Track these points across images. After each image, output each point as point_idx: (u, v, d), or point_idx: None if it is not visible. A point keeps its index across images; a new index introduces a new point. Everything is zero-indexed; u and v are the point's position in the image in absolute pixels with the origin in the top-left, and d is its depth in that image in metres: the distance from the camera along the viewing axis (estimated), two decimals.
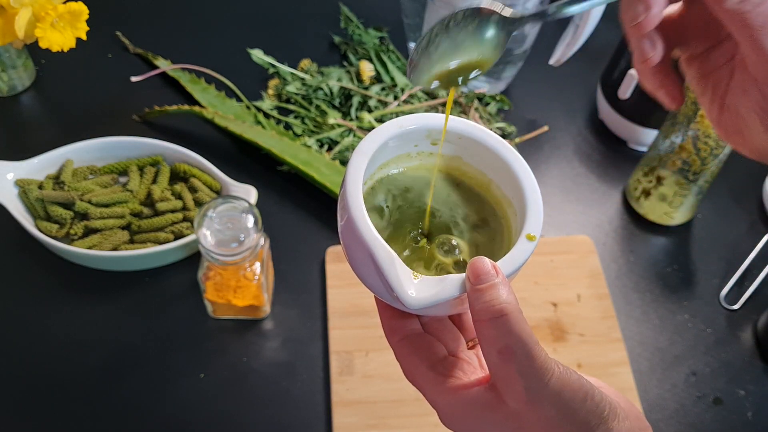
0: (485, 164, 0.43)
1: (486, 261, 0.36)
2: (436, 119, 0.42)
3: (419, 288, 0.36)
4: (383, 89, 0.91)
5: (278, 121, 0.89)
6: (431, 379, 0.39)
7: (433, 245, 0.42)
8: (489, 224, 0.43)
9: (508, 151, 0.41)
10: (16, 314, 0.73)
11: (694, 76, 0.42)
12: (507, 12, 0.40)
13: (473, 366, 0.40)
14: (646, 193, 0.83)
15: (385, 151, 0.42)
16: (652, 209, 0.83)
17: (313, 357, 0.72)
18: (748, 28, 0.35)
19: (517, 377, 0.35)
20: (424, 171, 0.44)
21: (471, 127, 0.42)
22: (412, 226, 0.42)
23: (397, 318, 0.41)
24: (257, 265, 0.68)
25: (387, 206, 0.43)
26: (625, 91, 0.87)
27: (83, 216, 0.76)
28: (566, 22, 0.87)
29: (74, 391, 0.68)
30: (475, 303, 0.35)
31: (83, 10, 0.79)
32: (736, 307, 0.78)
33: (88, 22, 0.80)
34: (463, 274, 0.36)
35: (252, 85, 0.93)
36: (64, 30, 0.79)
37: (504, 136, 0.84)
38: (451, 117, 0.42)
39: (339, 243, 0.79)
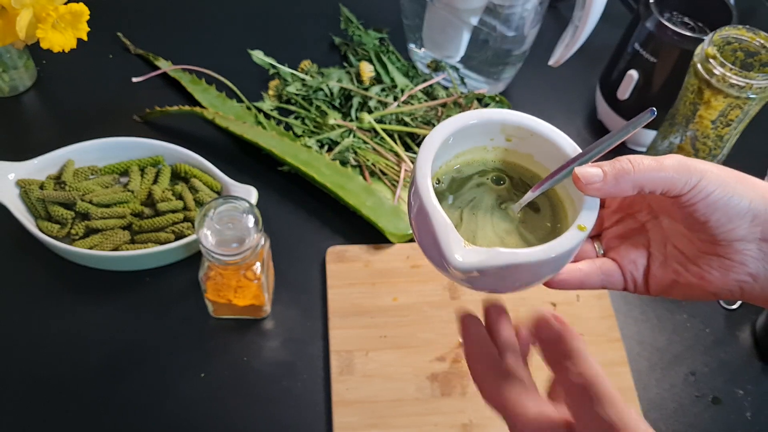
0: (553, 163, 0.46)
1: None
2: (511, 115, 0.46)
3: (467, 254, 0.40)
4: (383, 90, 0.92)
5: (279, 122, 0.90)
6: (514, 404, 0.44)
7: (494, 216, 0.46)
8: (549, 217, 0.47)
9: (575, 152, 0.45)
10: (17, 314, 0.73)
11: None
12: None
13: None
14: None
15: (460, 140, 0.46)
16: None
17: (314, 357, 0.72)
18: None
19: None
20: (492, 164, 0.48)
21: (542, 126, 0.46)
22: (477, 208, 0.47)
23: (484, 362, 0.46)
24: (258, 265, 0.68)
25: (454, 197, 0.47)
26: (624, 92, 0.87)
27: (84, 216, 0.76)
28: (566, 22, 0.87)
29: (75, 390, 0.69)
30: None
31: (84, 11, 0.79)
32: (734, 306, 0.78)
33: (89, 22, 0.80)
34: (513, 250, 0.40)
35: (252, 85, 0.93)
36: (65, 31, 0.79)
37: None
38: (526, 115, 0.46)
39: (339, 243, 0.80)
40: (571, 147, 0.45)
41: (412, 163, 0.84)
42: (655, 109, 0.42)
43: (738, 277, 0.43)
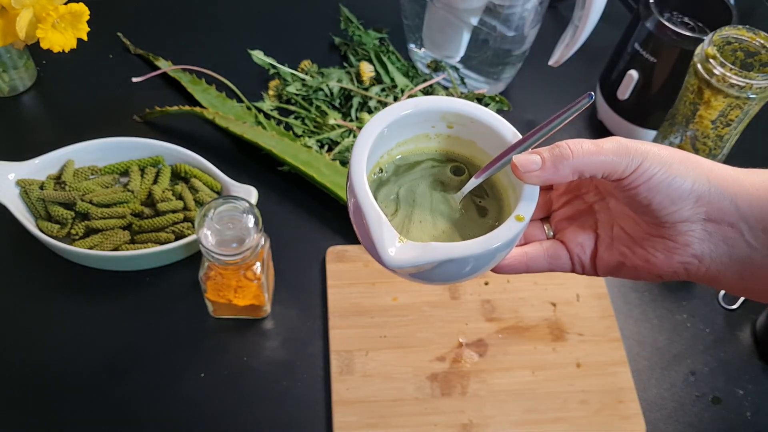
0: (495, 150, 0.45)
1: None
2: (451, 102, 0.45)
3: (401, 249, 0.39)
4: (383, 90, 0.92)
5: (279, 122, 0.90)
6: None
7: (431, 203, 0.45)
8: (490, 206, 0.46)
9: (516, 138, 0.44)
10: (17, 314, 0.73)
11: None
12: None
13: None
14: None
15: (401, 129, 0.46)
16: None
17: (314, 356, 0.72)
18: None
19: None
20: (434, 153, 0.48)
21: (482, 112, 0.45)
22: (418, 196, 0.46)
23: None
24: (258, 265, 0.68)
25: (397, 185, 0.46)
26: (624, 92, 0.87)
27: (84, 216, 0.76)
28: (565, 22, 0.87)
29: (75, 390, 0.69)
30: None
31: (84, 11, 0.79)
32: (734, 306, 0.78)
33: (89, 22, 0.80)
34: (447, 244, 0.39)
35: (252, 85, 0.93)
36: (65, 31, 0.79)
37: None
38: (467, 102, 0.45)
39: (339, 243, 0.80)
40: (511, 133, 0.44)
41: None
42: (593, 93, 0.41)
43: (682, 259, 0.43)
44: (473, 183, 0.44)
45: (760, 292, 0.44)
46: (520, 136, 0.43)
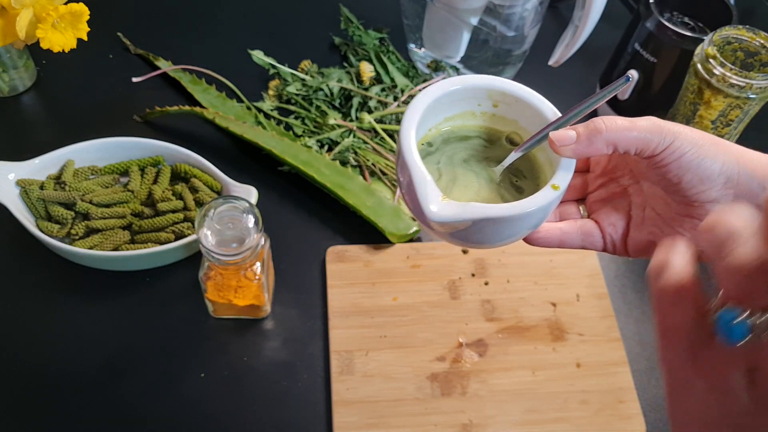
0: (536, 128, 0.47)
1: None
2: (497, 81, 0.48)
3: (443, 207, 0.42)
4: (383, 90, 0.92)
5: (279, 122, 0.90)
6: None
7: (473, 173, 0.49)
8: (527, 184, 0.49)
9: (555, 117, 0.47)
10: (17, 314, 0.73)
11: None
12: None
13: None
14: None
15: (449, 105, 0.49)
16: None
17: (314, 356, 0.72)
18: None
19: None
20: (479, 129, 0.51)
21: (526, 92, 0.48)
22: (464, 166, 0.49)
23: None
24: (258, 265, 0.68)
25: (442, 158, 0.49)
26: (624, 92, 0.87)
27: (84, 216, 0.76)
28: (566, 22, 0.87)
29: (75, 390, 0.69)
30: None
31: (84, 11, 0.79)
32: None
33: (89, 22, 0.80)
34: (485, 204, 0.42)
35: (252, 85, 0.93)
36: (65, 31, 0.79)
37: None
38: (513, 82, 0.48)
39: (339, 243, 0.80)
40: (551, 112, 0.47)
41: None
42: (630, 75, 0.43)
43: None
44: (513, 156, 0.47)
45: None
46: (560, 114, 0.46)
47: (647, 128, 0.43)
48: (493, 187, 0.48)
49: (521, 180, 0.49)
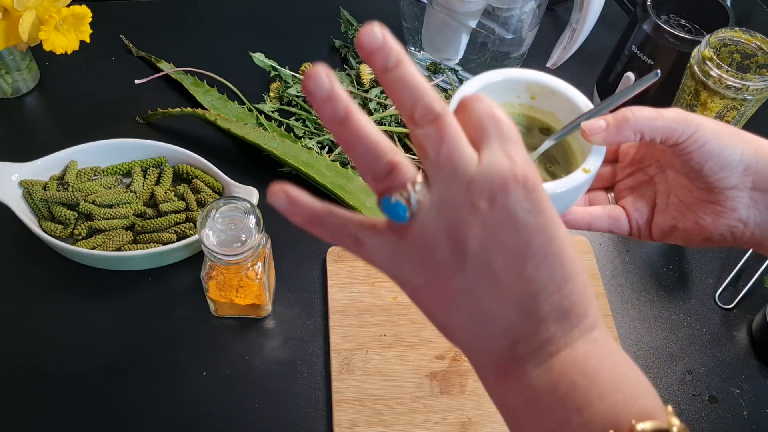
0: (570, 119, 0.50)
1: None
2: (536, 74, 0.51)
3: None
4: (383, 92, 0.92)
5: (280, 124, 0.90)
6: None
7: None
8: (560, 170, 0.51)
9: (588, 108, 0.49)
10: (20, 313, 0.74)
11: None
12: None
13: None
14: None
15: (490, 96, 0.52)
16: None
17: (314, 355, 0.73)
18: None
19: None
20: (518, 116, 0.53)
21: (563, 85, 0.51)
22: None
23: None
24: (259, 265, 0.69)
25: None
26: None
27: (87, 216, 0.77)
28: (563, 25, 0.88)
29: (78, 389, 0.69)
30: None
31: (87, 13, 0.79)
32: (730, 306, 0.79)
33: (91, 25, 0.81)
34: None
35: (254, 87, 0.94)
36: (67, 33, 0.80)
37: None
38: (550, 75, 0.51)
39: None
40: (585, 104, 0.50)
41: None
42: (659, 71, 0.46)
43: (729, 223, 0.47)
44: (547, 143, 0.50)
45: None
46: (592, 106, 0.49)
47: (672, 118, 0.46)
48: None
49: (555, 166, 0.51)
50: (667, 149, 0.47)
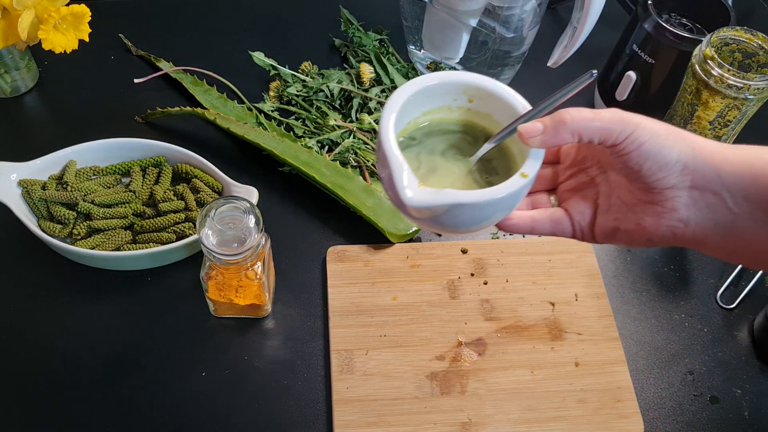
0: (509, 121, 0.49)
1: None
2: (472, 77, 0.51)
3: (418, 192, 0.44)
4: (383, 91, 0.92)
5: (279, 123, 0.90)
6: None
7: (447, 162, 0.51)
8: (500, 173, 0.51)
9: (525, 110, 0.49)
10: (19, 313, 0.74)
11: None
12: None
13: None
14: None
15: (427, 99, 0.51)
16: None
17: (314, 355, 0.72)
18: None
19: None
20: (458, 122, 0.53)
21: (499, 87, 0.50)
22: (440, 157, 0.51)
23: None
24: (258, 265, 0.68)
25: (421, 149, 0.52)
26: (623, 93, 0.87)
27: (86, 216, 0.76)
28: (564, 24, 0.88)
29: (77, 389, 0.69)
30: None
31: (86, 12, 0.79)
32: (732, 306, 0.79)
33: (90, 24, 0.81)
34: (459, 191, 0.44)
35: (253, 87, 0.94)
36: (66, 32, 0.80)
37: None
38: (486, 77, 0.50)
39: (339, 243, 0.80)
40: (521, 106, 0.49)
41: None
42: (595, 71, 0.47)
43: (669, 223, 0.47)
44: (486, 147, 0.50)
45: (743, 255, 0.48)
46: (530, 108, 0.48)
47: (609, 119, 0.45)
48: (468, 177, 0.50)
49: (493, 176, 0.51)
50: (606, 150, 0.47)
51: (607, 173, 0.51)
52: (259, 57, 0.94)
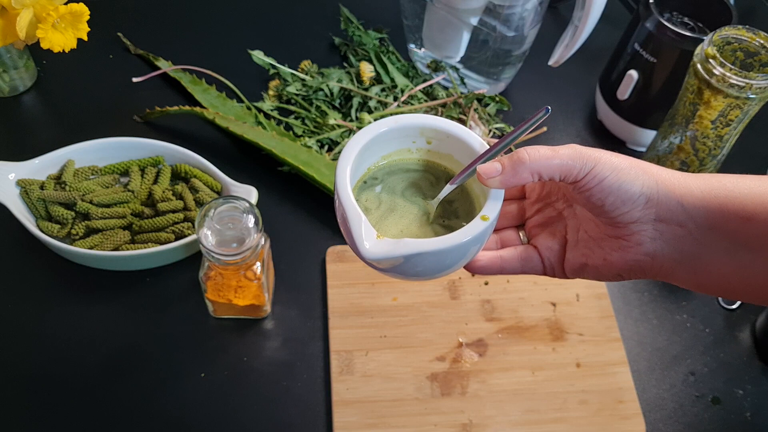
0: (469, 161, 0.49)
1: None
2: (427, 119, 0.50)
3: (376, 244, 0.43)
4: (383, 90, 0.92)
5: (279, 122, 0.90)
6: None
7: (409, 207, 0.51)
8: (462, 214, 0.51)
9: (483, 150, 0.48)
10: (17, 314, 0.73)
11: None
12: None
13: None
14: None
15: (384, 144, 0.50)
16: None
17: (314, 356, 0.72)
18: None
19: None
20: (419, 162, 0.52)
21: (457, 128, 0.50)
22: (403, 201, 0.51)
23: None
24: (258, 265, 0.68)
25: (382, 187, 0.51)
26: (624, 92, 0.87)
27: (85, 216, 0.76)
28: (565, 22, 0.87)
29: (75, 390, 0.69)
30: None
31: (84, 11, 0.79)
32: (734, 307, 0.78)
33: (89, 23, 0.80)
34: (418, 240, 0.44)
35: (253, 86, 0.93)
36: (65, 31, 0.79)
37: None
38: (442, 119, 0.50)
39: (339, 243, 0.80)
40: (480, 145, 0.49)
41: None
42: (549, 107, 0.46)
43: (636, 257, 0.47)
44: (447, 189, 0.49)
45: (711, 286, 0.47)
46: (488, 147, 0.48)
47: (569, 155, 0.44)
48: (425, 219, 0.49)
49: (453, 219, 0.50)
50: (568, 186, 0.46)
51: (573, 207, 0.50)
52: (258, 56, 0.94)
